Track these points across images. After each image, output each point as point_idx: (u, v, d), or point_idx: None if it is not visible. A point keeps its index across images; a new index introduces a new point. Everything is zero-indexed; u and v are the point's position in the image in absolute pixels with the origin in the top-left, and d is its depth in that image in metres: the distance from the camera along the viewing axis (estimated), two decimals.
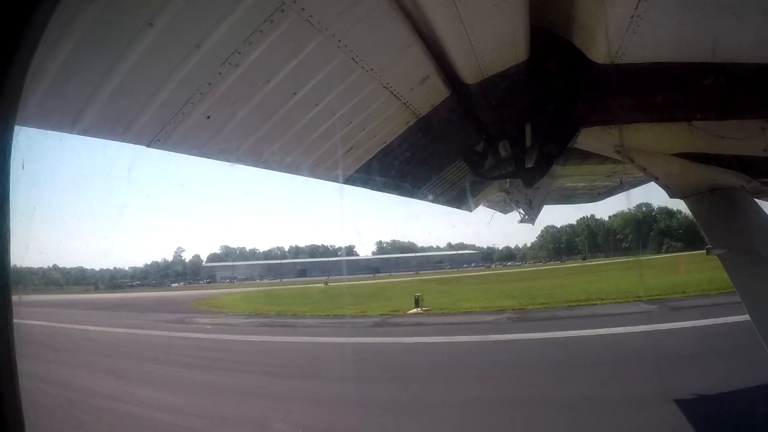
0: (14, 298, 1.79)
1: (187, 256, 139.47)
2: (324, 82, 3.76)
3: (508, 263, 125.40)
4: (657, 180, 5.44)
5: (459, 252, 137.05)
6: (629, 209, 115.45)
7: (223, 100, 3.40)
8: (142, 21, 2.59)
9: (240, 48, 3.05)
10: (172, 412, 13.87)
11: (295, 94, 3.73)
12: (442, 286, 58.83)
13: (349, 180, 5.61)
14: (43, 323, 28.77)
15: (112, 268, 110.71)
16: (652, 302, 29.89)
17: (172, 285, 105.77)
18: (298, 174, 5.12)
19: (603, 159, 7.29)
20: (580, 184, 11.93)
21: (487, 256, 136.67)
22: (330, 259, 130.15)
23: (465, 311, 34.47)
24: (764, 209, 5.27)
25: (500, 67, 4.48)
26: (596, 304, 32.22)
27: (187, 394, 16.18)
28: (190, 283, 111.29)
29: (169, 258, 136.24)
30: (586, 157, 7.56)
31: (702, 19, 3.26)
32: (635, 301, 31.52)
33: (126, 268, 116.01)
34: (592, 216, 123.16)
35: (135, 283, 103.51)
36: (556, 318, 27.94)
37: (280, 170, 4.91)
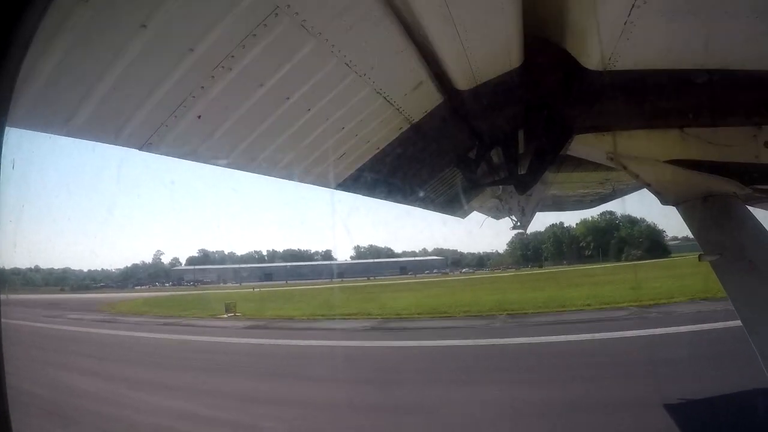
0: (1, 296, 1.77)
1: (166, 259, 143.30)
2: (317, 86, 3.74)
3: (463, 270, 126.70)
4: (649, 187, 5.45)
5: (421, 258, 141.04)
6: (592, 217, 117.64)
7: (216, 104, 3.38)
8: (135, 23, 2.56)
9: (233, 52, 3.04)
10: None
11: (288, 98, 3.71)
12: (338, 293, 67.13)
13: (342, 185, 5.59)
14: None
15: (100, 269, 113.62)
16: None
17: (135, 288, 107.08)
18: (290, 179, 5.10)
19: (596, 166, 7.29)
20: (573, 191, 11.96)
21: (457, 262, 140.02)
22: (291, 264, 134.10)
23: (262, 317, 40.43)
24: (757, 216, 5.28)
25: (494, 74, 4.47)
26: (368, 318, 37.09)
27: None
28: (154, 286, 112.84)
29: (149, 260, 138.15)
30: (579, 164, 7.57)
31: (695, 25, 3.28)
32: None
33: (113, 270, 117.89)
34: (561, 223, 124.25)
35: (99, 285, 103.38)
36: (292, 329, 33.84)
37: (272, 175, 4.88)
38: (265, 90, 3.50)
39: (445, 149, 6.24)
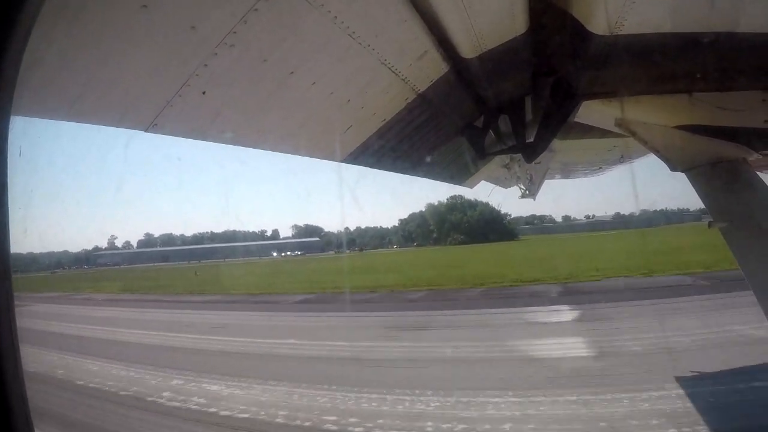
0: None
1: (119, 242, 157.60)
2: (321, 59, 3.71)
3: (285, 253, 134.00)
4: (658, 153, 5.41)
5: (299, 240, 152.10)
6: (439, 201, 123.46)
7: (220, 81, 3.35)
8: (136, 3, 2.53)
9: (236, 27, 2.99)
10: None
11: (292, 73, 3.68)
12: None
13: (348, 158, 5.57)
14: None
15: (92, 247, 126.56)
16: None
17: (42, 271, 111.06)
18: (296, 154, 5.09)
19: (604, 132, 7.24)
20: (581, 158, 11.87)
21: (330, 243, 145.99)
22: (186, 247, 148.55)
23: None
24: (766, 182, 5.24)
25: (499, 40, 4.41)
26: None
27: None
28: (62, 269, 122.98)
29: (103, 244, 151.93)
30: (587, 130, 7.51)
31: None
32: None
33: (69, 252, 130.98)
34: (440, 203, 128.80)
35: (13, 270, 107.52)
36: None
37: (279, 150, 4.88)
38: (269, 65, 3.46)
39: (452, 118, 6.19)
